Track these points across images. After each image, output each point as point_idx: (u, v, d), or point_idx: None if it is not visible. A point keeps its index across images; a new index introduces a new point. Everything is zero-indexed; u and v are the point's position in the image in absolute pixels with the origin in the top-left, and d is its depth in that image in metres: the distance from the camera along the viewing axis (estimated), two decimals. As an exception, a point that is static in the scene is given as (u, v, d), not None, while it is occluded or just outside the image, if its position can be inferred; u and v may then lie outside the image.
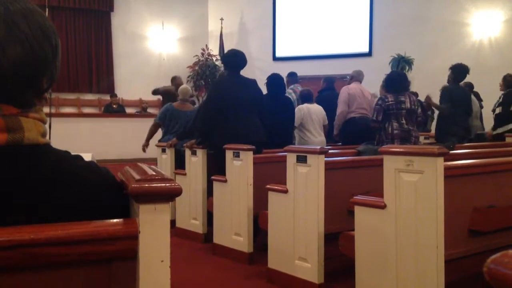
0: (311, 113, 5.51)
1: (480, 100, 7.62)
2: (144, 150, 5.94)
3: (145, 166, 1.04)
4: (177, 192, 0.92)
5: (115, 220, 0.90)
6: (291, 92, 6.20)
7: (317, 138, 5.47)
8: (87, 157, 1.01)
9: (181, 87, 5.98)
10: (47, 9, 10.60)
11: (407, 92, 4.62)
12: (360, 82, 5.98)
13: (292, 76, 6.79)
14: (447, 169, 2.35)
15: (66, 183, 0.90)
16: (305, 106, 5.56)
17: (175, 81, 7.88)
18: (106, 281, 0.88)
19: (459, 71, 5.65)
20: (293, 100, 5.89)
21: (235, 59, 4.38)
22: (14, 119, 0.87)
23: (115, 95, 11.08)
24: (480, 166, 2.75)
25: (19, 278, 0.82)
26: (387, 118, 4.51)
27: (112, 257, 0.88)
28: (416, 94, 7.54)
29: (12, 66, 0.84)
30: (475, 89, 7.63)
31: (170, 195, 0.92)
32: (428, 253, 2.31)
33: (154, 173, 0.94)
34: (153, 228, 0.90)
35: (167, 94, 7.77)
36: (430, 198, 2.30)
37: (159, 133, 5.98)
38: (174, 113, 5.62)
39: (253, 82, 4.43)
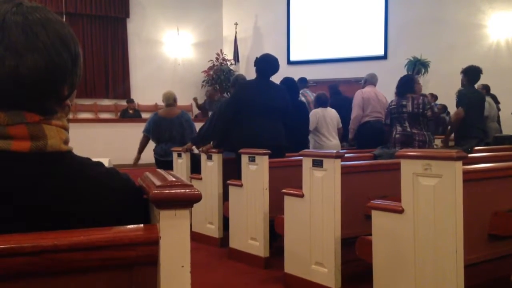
0: (325, 117, 5.51)
1: (497, 102, 7.52)
2: (135, 164, 5.81)
3: (164, 172, 1.05)
4: (197, 198, 0.93)
5: (136, 226, 0.91)
6: (300, 97, 6.20)
7: (332, 142, 5.47)
8: (104, 162, 1.02)
9: (163, 92, 5.80)
10: (64, 16, 10.77)
11: (412, 95, 4.59)
12: (374, 85, 5.95)
13: (302, 82, 6.83)
14: (466, 173, 2.32)
15: (88, 189, 0.91)
16: (320, 110, 5.57)
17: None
18: (127, 286, 0.89)
19: (472, 73, 5.59)
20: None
21: (264, 65, 4.39)
22: (37, 126, 0.89)
23: (132, 101, 11.18)
24: (499, 169, 2.71)
25: (43, 283, 0.84)
26: (392, 122, 4.57)
27: (133, 262, 0.89)
28: (435, 97, 7.45)
29: (30, 74, 0.86)
30: (492, 91, 7.54)
31: (190, 201, 0.92)
32: (447, 258, 2.28)
33: (174, 179, 0.95)
34: (173, 234, 0.91)
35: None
36: (448, 203, 2.28)
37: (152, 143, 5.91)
38: (161, 121, 5.51)
39: (281, 89, 4.46)
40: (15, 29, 0.87)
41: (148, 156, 6.02)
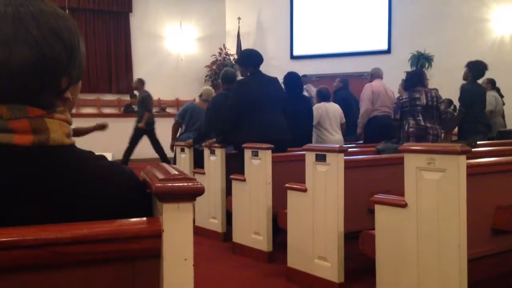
0: (328, 111, 5.50)
1: (501, 96, 7.49)
2: (172, 150, 6.07)
3: (167, 166, 1.05)
4: (200, 192, 0.92)
5: (139, 219, 0.91)
6: (304, 93, 6.21)
7: (335, 136, 5.45)
8: (107, 156, 1.02)
9: (204, 87, 6.09)
10: (67, 11, 10.76)
11: (424, 88, 4.54)
12: (381, 78, 5.92)
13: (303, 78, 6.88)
14: (469, 167, 2.31)
15: (91, 182, 0.91)
16: (323, 104, 5.55)
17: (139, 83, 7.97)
18: (130, 279, 0.89)
19: (478, 68, 5.55)
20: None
21: (254, 59, 4.40)
22: (39, 120, 0.88)
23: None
24: (503, 164, 2.71)
25: (46, 276, 0.84)
26: (404, 116, 4.50)
27: (136, 255, 0.89)
28: (436, 90, 7.43)
29: (20, 67, 0.85)
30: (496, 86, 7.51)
31: (193, 194, 0.92)
32: (451, 253, 2.28)
33: (177, 173, 0.95)
34: (176, 227, 0.91)
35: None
36: (452, 197, 2.27)
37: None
38: (195, 111, 5.72)
39: (275, 80, 4.47)
40: (5, 21, 0.86)
41: (150, 151, 6.09)
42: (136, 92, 8.37)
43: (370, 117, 5.64)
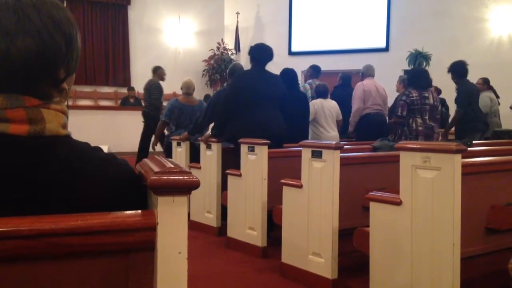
0: (324, 108, 5.50)
1: (497, 96, 7.51)
2: (154, 149, 6.13)
3: (163, 159, 1.05)
4: (195, 185, 0.93)
5: (133, 212, 0.91)
6: (308, 89, 6.15)
7: (330, 133, 5.46)
8: (103, 149, 1.02)
9: (184, 81, 5.91)
10: (65, 2, 10.70)
11: (430, 88, 4.61)
12: (373, 77, 5.93)
13: (315, 69, 6.71)
14: (464, 166, 2.32)
15: (86, 173, 0.91)
16: (319, 101, 5.55)
17: (158, 71, 7.63)
18: (124, 272, 0.89)
19: (460, 68, 5.59)
20: (308, 96, 5.86)
21: (260, 53, 4.39)
22: (35, 110, 0.89)
23: (132, 89, 11.14)
24: (498, 163, 2.72)
25: (40, 267, 0.84)
26: (411, 114, 4.51)
27: (130, 248, 0.89)
28: (439, 91, 7.47)
29: (22, 57, 0.85)
30: (494, 86, 7.52)
31: (188, 188, 0.92)
32: (444, 251, 2.29)
33: (172, 166, 0.95)
34: (171, 220, 0.91)
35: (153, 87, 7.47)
36: (447, 195, 2.28)
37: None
38: (183, 108, 5.63)
39: (277, 78, 4.46)
40: (7, 11, 0.86)
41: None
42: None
43: (362, 115, 5.67)
